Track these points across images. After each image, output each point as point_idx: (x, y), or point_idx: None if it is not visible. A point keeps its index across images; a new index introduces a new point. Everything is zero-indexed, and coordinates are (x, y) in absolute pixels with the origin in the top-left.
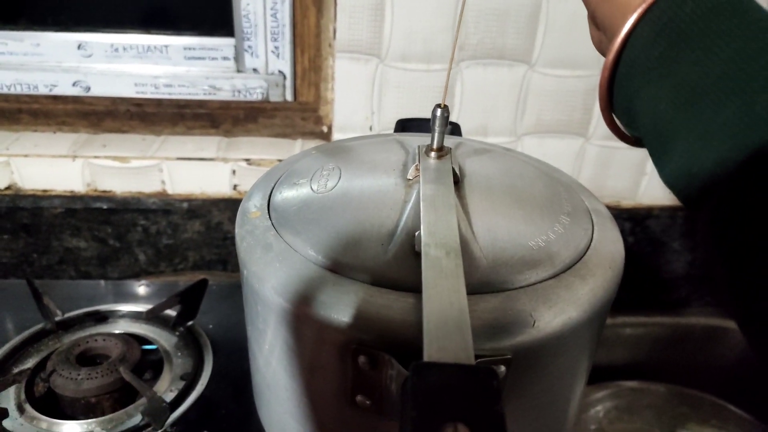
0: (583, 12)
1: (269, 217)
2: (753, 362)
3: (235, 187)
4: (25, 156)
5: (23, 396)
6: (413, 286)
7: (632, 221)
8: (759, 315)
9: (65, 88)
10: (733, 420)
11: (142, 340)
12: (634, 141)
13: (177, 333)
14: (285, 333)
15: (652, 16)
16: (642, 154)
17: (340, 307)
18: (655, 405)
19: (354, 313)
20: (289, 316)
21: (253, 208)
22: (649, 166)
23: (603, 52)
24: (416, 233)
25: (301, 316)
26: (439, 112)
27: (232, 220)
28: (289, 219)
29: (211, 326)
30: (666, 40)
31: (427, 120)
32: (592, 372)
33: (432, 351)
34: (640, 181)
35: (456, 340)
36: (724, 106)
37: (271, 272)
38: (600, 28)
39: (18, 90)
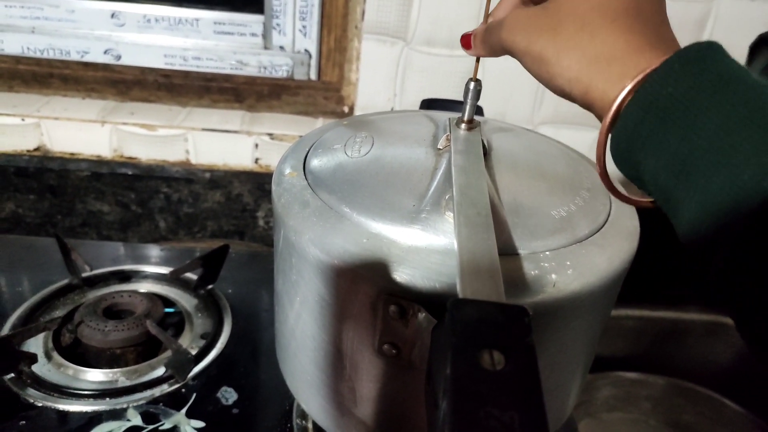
0: None
1: (305, 177)
2: (749, 359)
3: (256, 160)
4: (56, 119)
5: (51, 344)
6: (442, 244)
7: (639, 216)
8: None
9: (96, 56)
10: (728, 413)
11: (164, 301)
12: (651, 203)
13: (198, 295)
14: (318, 283)
15: (638, 97)
16: None
17: (373, 260)
18: (653, 396)
19: (386, 266)
20: (324, 267)
21: (289, 168)
22: None
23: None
24: (446, 196)
25: (336, 267)
26: (472, 85)
27: (252, 192)
28: (324, 180)
29: (230, 291)
30: (653, 118)
31: (451, 101)
32: (593, 361)
33: (467, 293)
34: None
35: (488, 284)
36: (713, 176)
37: (308, 226)
38: (582, 98)
39: (51, 55)
